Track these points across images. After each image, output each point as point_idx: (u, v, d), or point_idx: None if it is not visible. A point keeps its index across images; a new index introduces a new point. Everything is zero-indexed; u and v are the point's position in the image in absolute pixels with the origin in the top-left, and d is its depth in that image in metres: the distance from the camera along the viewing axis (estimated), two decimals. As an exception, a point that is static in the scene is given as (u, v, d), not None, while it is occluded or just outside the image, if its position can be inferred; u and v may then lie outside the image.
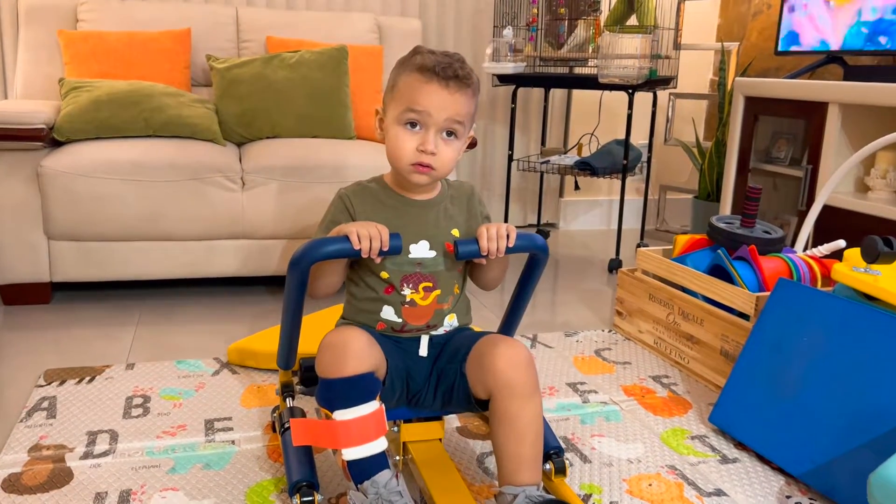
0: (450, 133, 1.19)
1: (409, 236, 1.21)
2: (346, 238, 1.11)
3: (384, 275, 1.22)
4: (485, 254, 1.17)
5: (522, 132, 3.34)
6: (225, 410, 1.58)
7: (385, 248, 1.12)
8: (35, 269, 2.13)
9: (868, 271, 1.44)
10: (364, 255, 1.12)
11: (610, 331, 2.14)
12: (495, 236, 1.16)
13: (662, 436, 1.53)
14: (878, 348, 1.33)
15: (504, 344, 1.18)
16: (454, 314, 1.29)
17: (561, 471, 1.27)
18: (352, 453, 1.11)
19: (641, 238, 3.08)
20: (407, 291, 1.23)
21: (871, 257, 1.42)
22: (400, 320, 1.25)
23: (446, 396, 1.25)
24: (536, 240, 1.24)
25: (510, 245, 1.17)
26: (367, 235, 1.11)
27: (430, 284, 1.24)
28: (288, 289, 1.18)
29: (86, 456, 1.37)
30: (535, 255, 1.25)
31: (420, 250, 1.23)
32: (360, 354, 1.12)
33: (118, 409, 1.56)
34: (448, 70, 1.16)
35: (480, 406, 1.22)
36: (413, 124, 1.18)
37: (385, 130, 1.22)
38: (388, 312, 1.25)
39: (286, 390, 1.43)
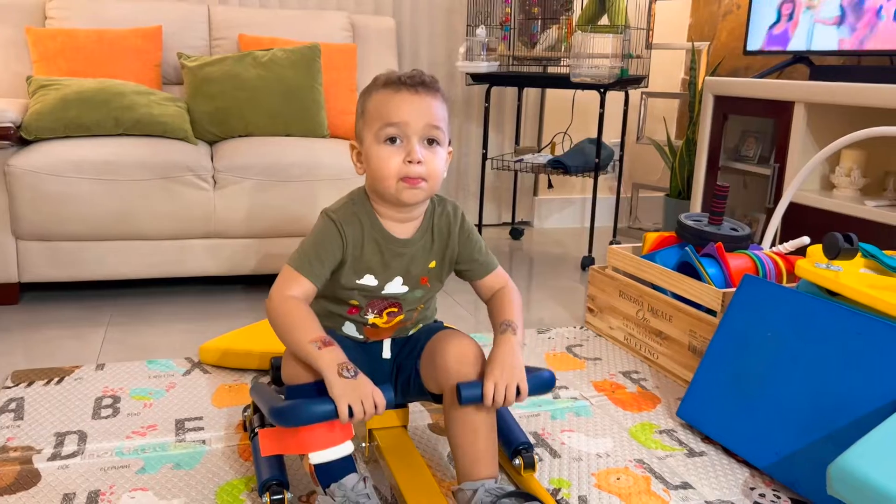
0: (431, 141, 1.16)
1: (385, 275, 1.22)
2: (335, 407, 1.05)
3: (353, 301, 1.23)
4: (488, 406, 1.13)
5: (496, 131, 3.35)
6: (196, 410, 1.57)
7: (379, 414, 1.08)
8: (3, 269, 2.10)
9: (830, 267, 1.47)
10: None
11: (581, 327, 2.16)
12: (503, 397, 1.11)
13: (631, 430, 1.55)
14: (839, 343, 1.36)
15: (454, 341, 1.20)
16: (419, 324, 1.31)
17: (530, 465, 1.28)
18: (318, 457, 1.12)
19: (614, 236, 3.11)
20: (370, 315, 1.25)
21: (833, 253, 1.45)
22: (361, 337, 1.28)
23: (405, 388, 1.28)
24: (547, 385, 1.19)
25: (519, 402, 1.14)
26: (361, 412, 1.05)
27: (396, 310, 1.26)
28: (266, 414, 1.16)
29: (54, 457, 1.36)
30: None
31: (393, 287, 1.24)
32: None
33: (87, 410, 1.55)
34: (414, 78, 1.15)
35: (435, 400, 1.25)
36: (393, 140, 1.14)
37: (365, 156, 1.18)
38: (349, 328, 1.27)
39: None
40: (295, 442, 1.15)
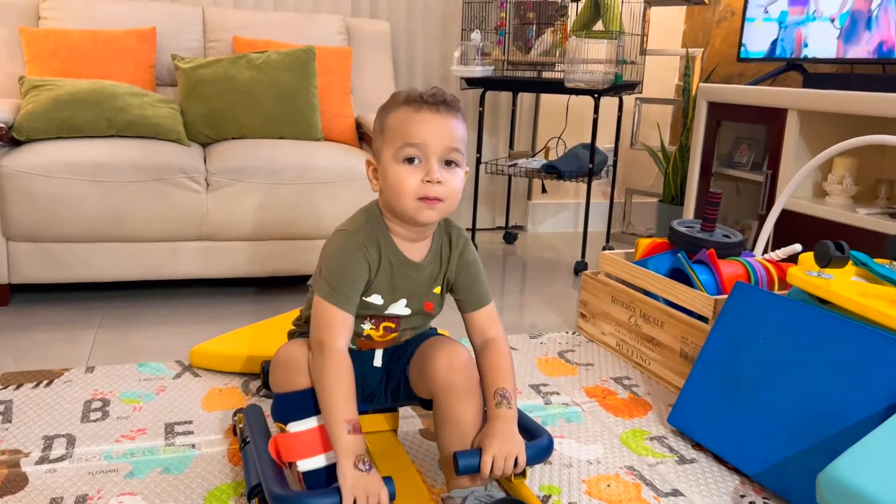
0: (449, 162, 1.14)
1: (391, 295, 1.21)
2: (339, 499, 1.03)
3: None
4: (486, 476, 1.12)
5: (490, 135, 3.35)
6: (186, 414, 1.56)
7: None
8: (-7, 270, 2.09)
9: (821, 275, 1.48)
10: None
11: (574, 333, 2.16)
12: (501, 471, 1.10)
13: (622, 437, 1.55)
14: (830, 351, 1.37)
15: (444, 347, 1.20)
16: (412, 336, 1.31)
17: (520, 472, 1.28)
18: (307, 465, 1.11)
19: (607, 241, 3.11)
20: (367, 326, 1.24)
21: (824, 261, 1.46)
22: (354, 347, 1.27)
23: (395, 393, 1.29)
24: (544, 454, 1.18)
25: (516, 472, 1.13)
26: None
27: (393, 325, 1.25)
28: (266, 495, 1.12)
29: (41, 461, 1.35)
30: None
31: (397, 308, 1.23)
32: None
33: (76, 413, 1.54)
34: (436, 96, 1.13)
35: (424, 405, 1.26)
36: (411, 160, 1.12)
37: (382, 174, 1.15)
38: None
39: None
40: (284, 448, 1.15)
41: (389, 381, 1.30)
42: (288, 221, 2.24)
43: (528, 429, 1.22)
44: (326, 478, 1.13)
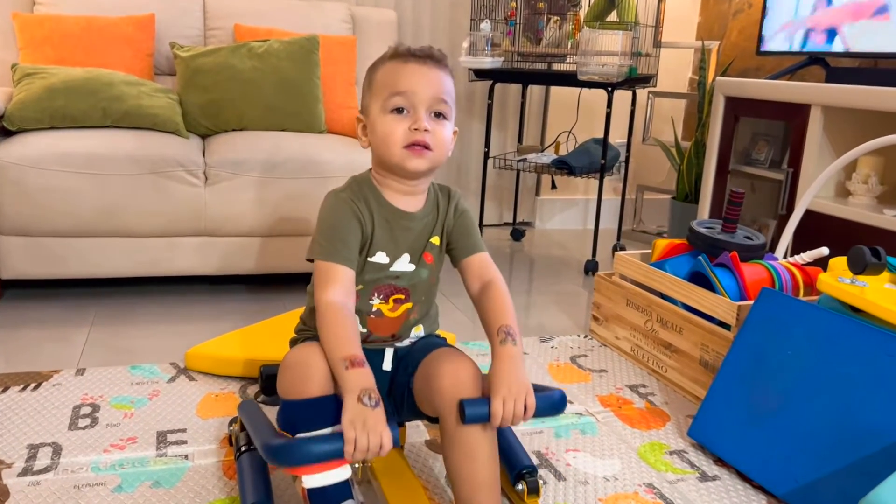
0: (438, 114, 1.14)
1: (395, 251, 1.18)
2: (341, 443, 0.96)
3: (358, 286, 1.16)
4: (495, 425, 1.06)
5: (499, 129, 3.26)
6: (179, 421, 1.48)
7: (381, 455, 0.99)
8: (-18, 265, 2.01)
9: (854, 282, 1.39)
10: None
11: (586, 336, 2.08)
12: (511, 416, 1.03)
13: (640, 451, 1.47)
14: (866, 363, 1.28)
15: (449, 360, 1.12)
16: (421, 325, 1.24)
17: (534, 491, 1.20)
18: (313, 481, 1.03)
19: (618, 239, 3.02)
20: (376, 301, 1.19)
21: (859, 268, 1.37)
22: (364, 330, 1.20)
23: (398, 407, 1.21)
24: (556, 406, 1.11)
25: (525, 420, 1.06)
26: (365, 448, 0.96)
27: (402, 297, 1.20)
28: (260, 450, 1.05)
29: (24, 472, 1.27)
30: None
31: (401, 264, 1.19)
32: (324, 375, 1.05)
33: (64, 420, 1.46)
34: (423, 50, 1.15)
35: (431, 421, 1.18)
36: (400, 110, 1.12)
37: (371, 127, 1.16)
38: None
39: None
40: None
41: (393, 391, 1.22)
42: (289, 217, 2.16)
43: (538, 390, 1.12)
44: (334, 496, 1.05)
